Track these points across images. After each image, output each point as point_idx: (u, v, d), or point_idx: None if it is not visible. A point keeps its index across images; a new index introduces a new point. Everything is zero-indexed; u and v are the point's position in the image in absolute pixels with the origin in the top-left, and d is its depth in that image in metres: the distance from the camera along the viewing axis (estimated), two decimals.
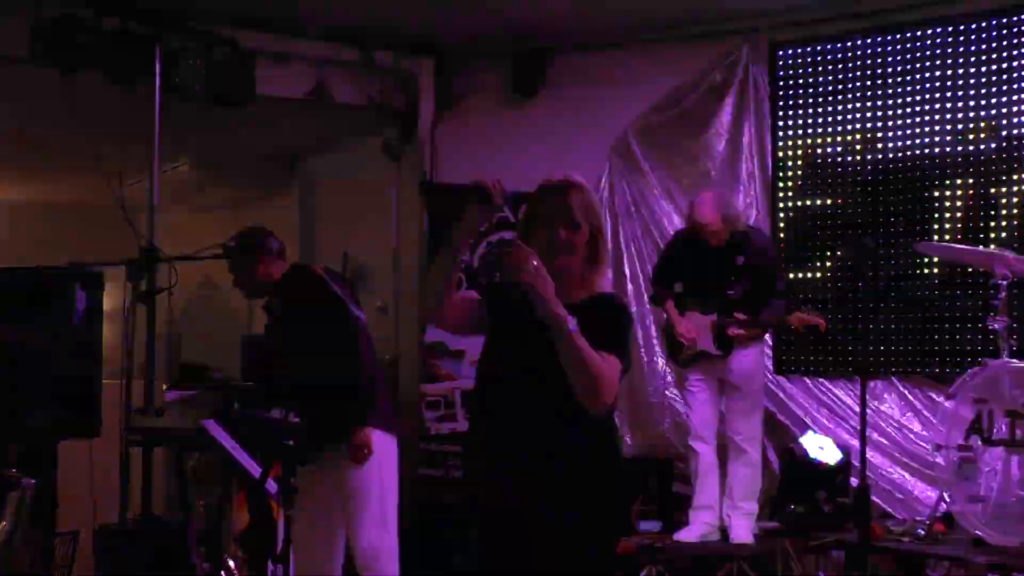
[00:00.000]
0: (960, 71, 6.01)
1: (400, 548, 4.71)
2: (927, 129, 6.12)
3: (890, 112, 6.23)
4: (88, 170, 6.17)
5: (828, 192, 6.41)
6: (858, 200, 6.30)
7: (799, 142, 6.52)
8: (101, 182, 5.37)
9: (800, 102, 6.50)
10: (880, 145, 6.26)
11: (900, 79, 6.20)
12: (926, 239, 5.93)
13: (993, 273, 5.21)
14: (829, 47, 6.43)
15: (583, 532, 2.86)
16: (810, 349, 6.29)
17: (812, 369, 6.39)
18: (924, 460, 5.81)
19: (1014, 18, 5.88)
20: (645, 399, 6.79)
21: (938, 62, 6.08)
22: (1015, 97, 5.86)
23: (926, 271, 6.09)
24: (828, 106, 6.42)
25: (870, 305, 6.13)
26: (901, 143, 6.21)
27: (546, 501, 2.83)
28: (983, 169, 5.95)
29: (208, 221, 10.15)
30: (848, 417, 6.15)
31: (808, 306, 5.74)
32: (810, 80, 6.48)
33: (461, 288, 3.05)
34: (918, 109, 6.14)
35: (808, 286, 6.40)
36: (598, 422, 2.84)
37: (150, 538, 5.48)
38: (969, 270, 5.83)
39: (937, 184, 6.08)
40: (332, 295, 4.51)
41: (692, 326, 5.83)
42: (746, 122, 6.64)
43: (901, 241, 6.13)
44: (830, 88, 6.41)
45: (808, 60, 6.49)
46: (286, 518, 4.18)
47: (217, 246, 4.76)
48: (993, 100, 5.92)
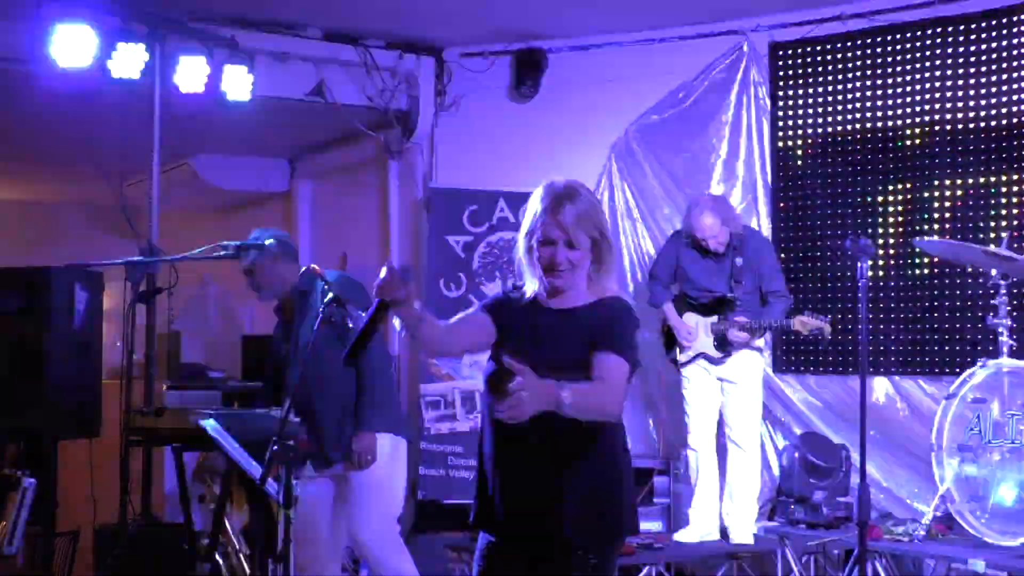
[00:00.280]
0: (960, 70, 6.02)
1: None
2: (927, 128, 6.12)
3: (890, 112, 6.23)
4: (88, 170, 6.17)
5: (828, 190, 6.41)
6: (858, 198, 6.30)
7: (799, 141, 6.52)
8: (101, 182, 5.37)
9: (800, 101, 6.50)
10: (880, 144, 6.26)
11: (900, 78, 6.20)
12: (925, 236, 5.93)
13: (990, 273, 5.22)
14: (829, 46, 6.43)
15: (602, 534, 2.93)
16: (809, 348, 6.29)
17: (811, 368, 6.39)
18: (924, 460, 5.80)
19: (1014, 18, 5.88)
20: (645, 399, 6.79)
21: (938, 61, 6.09)
22: (1015, 97, 5.86)
23: (926, 271, 6.09)
24: (828, 105, 6.42)
25: (869, 304, 6.12)
26: (901, 142, 6.21)
27: (569, 505, 2.88)
28: (983, 168, 5.95)
29: (208, 221, 10.16)
30: (848, 417, 6.14)
31: (810, 310, 5.71)
32: (810, 79, 6.48)
33: (431, 325, 2.90)
34: (918, 109, 6.14)
35: (808, 286, 6.40)
36: (612, 427, 2.93)
37: (150, 538, 5.48)
38: (968, 269, 5.83)
39: (936, 182, 6.08)
40: (345, 300, 4.49)
41: (691, 327, 5.84)
42: (746, 121, 6.65)
43: (901, 241, 6.13)
44: (830, 87, 6.42)
45: (808, 59, 6.49)
46: (286, 518, 4.17)
47: (238, 246, 4.64)
48: (993, 100, 5.92)
